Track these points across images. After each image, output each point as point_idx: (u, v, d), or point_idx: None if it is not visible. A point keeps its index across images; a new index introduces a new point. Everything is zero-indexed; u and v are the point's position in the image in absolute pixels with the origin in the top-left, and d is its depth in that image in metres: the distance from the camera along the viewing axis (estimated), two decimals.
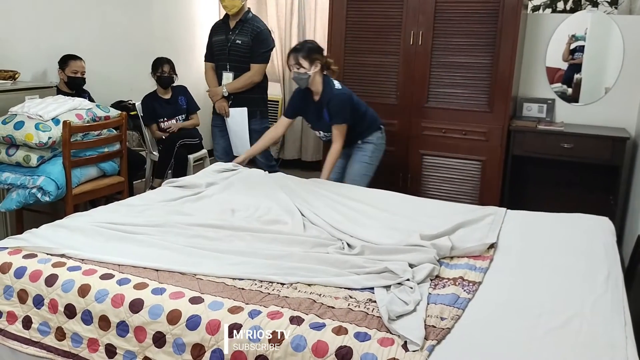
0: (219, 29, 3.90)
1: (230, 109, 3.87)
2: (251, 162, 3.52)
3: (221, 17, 4.06)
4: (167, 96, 4.30)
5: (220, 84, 3.90)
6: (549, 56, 3.88)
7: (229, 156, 3.91)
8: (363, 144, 3.33)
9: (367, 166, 3.32)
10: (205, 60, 4.01)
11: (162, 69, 4.20)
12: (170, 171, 4.11)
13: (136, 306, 1.71)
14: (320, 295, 1.75)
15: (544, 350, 1.48)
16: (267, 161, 4.00)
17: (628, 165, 3.65)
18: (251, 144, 3.75)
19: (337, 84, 3.21)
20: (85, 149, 3.24)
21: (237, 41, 3.78)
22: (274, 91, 5.38)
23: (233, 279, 1.85)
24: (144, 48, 4.67)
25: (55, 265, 1.91)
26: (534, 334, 1.56)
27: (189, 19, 5.43)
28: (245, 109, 3.85)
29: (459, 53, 3.58)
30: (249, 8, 3.92)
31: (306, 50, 3.13)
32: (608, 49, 3.79)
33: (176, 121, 4.31)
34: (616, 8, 3.83)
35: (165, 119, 4.26)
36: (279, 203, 2.62)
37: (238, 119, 3.85)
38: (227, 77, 3.84)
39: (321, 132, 3.34)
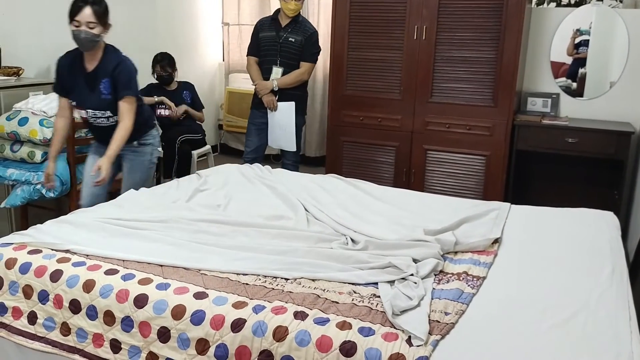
0: (267, 25, 3.88)
1: (278, 102, 3.85)
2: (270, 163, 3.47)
3: (267, 16, 4.05)
4: (172, 88, 4.31)
5: (264, 78, 3.86)
6: (553, 50, 3.86)
7: (257, 154, 3.92)
8: (140, 147, 2.83)
9: (148, 172, 2.88)
10: (248, 55, 3.95)
11: (155, 69, 4.23)
12: (174, 167, 4.11)
13: (141, 301, 1.72)
14: (324, 290, 1.75)
15: (548, 345, 1.48)
16: (295, 160, 3.96)
17: (633, 160, 3.64)
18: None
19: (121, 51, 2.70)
20: (89, 145, 3.24)
21: (290, 39, 3.78)
22: None
23: (237, 274, 1.85)
24: (147, 45, 4.66)
25: (60, 260, 1.91)
26: (538, 328, 1.55)
27: (193, 16, 5.43)
28: (293, 104, 3.82)
29: (463, 47, 3.56)
30: None
31: (104, 8, 2.57)
32: (613, 43, 3.77)
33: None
34: (621, 2, 3.80)
35: (164, 106, 4.22)
36: (282, 198, 2.62)
37: (286, 113, 3.83)
38: (277, 71, 3.81)
39: (89, 110, 2.73)
